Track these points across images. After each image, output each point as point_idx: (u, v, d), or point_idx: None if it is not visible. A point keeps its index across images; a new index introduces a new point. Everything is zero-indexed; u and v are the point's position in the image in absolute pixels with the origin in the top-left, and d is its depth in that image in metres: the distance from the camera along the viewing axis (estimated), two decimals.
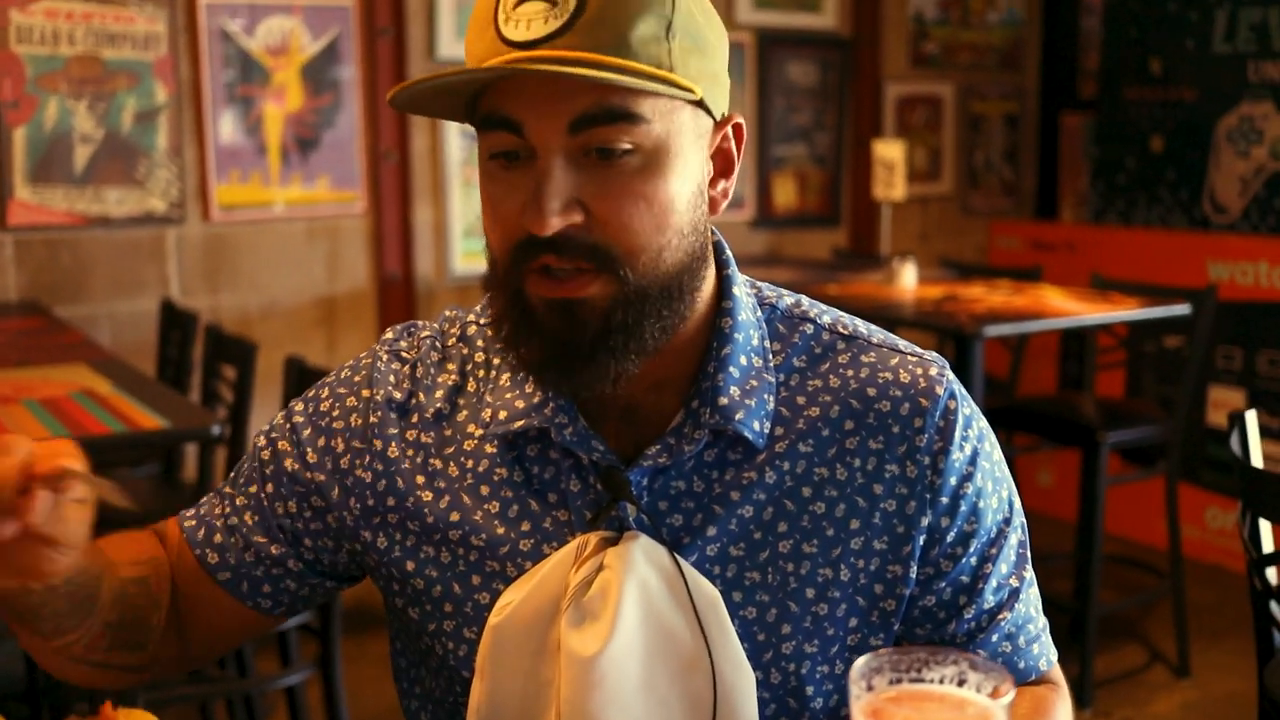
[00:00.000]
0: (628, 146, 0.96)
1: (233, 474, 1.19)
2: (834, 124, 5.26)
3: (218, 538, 1.15)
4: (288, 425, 1.16)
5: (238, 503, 1.16)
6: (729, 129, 1.06)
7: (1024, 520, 1.13)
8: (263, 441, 1.17)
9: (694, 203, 1.01)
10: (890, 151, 4.04)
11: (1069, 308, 3.49)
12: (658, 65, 0.95)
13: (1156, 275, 4.35)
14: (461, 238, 4.39)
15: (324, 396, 1.16)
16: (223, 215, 4.01)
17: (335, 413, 1.13)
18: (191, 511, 1.19)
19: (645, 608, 1.01)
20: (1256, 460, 2.09)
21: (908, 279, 3.82)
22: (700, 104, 1.00)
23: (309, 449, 1.13)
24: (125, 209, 3.87)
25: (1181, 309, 3.54)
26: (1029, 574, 1.12)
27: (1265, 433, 4.25)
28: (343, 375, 1.16)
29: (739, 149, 1.07)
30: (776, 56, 5.05)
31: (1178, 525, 3.61)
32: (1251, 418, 2.12)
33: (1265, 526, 2.00)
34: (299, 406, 1.16)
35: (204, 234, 4.01)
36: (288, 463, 1.14)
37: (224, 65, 3.97)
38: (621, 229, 0.96)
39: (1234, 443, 2.08)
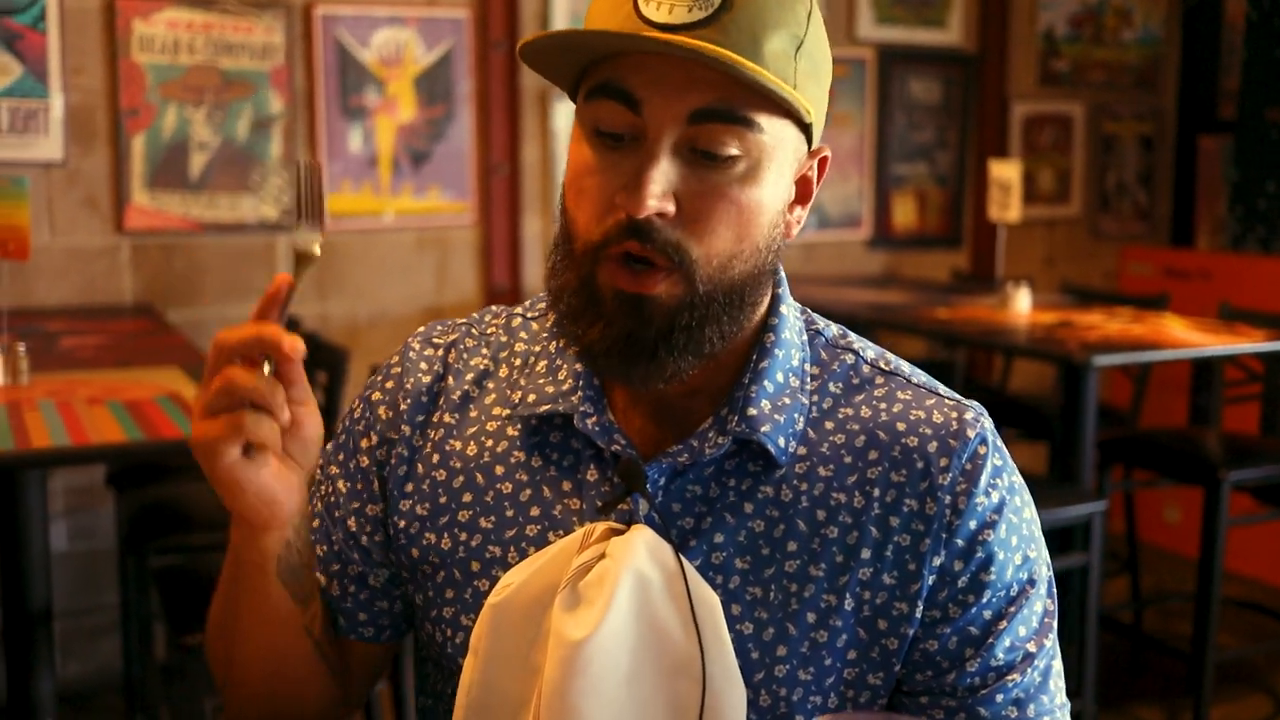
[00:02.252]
0: (735, 152, 0.97)
1: None
2: (957, 142, 5.12)
3: None
4: (334, 445, 1.17)
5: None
6: (816, 160, 1.08)
7: (1054, 592, 1.08)
8: (318, 475, 1.18)
9: (774, 221, 1.02)
10: (1006, 171, 3.91)
11: (1189, 338, 3.32)
12: (784, 80, 0.97)
13: None
14: None
15: (355, 406, 1.17)
16: (333, 224, 4.05)
17: (366, 414, 1.15)
18: None
19: (641, 601, 0.99)
20: None
21: (1022, 304, 3.69)
22: (807, 128, 1.02)
23: (354, 459, 1.15)
24: (238, 215, 3.93)
25: None
26: (1051, 645, 1.06)
27: None
28: (375, 379, 1.18)
29: (819, 180, 1.09)
30: (898, 73, 4.94)
31: None
32: None
33: None
34: (338, 428, 1.18)
35: None
36: (342, 484, 1.15)
37: (338, 76, 4.01)
38: (706, 231, 0.98)
39: None
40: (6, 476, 2.39)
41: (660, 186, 0.96)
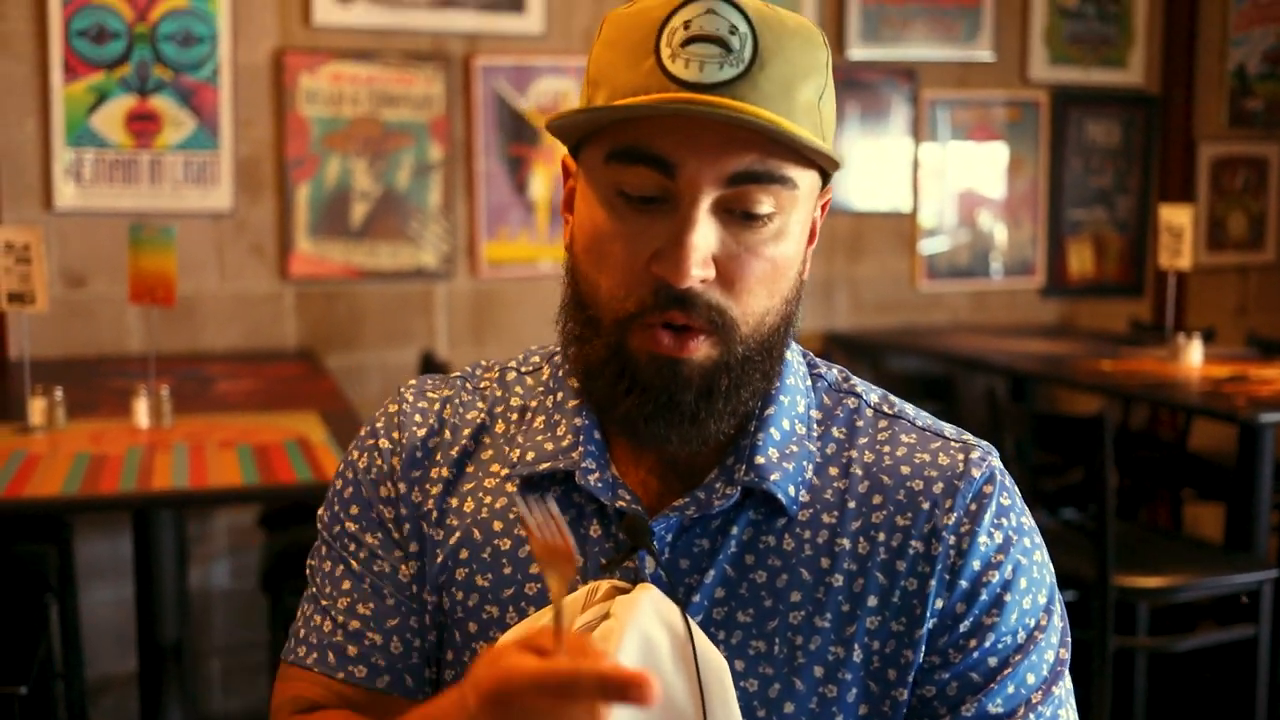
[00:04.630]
0: (770, 210, 0.95)
1: (315, 588, 1.10)
2: (1138, 187, 4.90)
3: (352, 649, 1.07)
4: (341, 502, 1.11)
5: (344, 604, 1.08)
6: (823, 200, 1.05)
7: (1069, 639, 1.02)
8: (328, 538, 1.11)
9: (800, 269, 1.01)
10: (1178, 217, 3.70)
11: None
12: (813, 131, 0.95)
13: None
14: None
15: (357, 457, 1.12)
16: (490, 271, 4.11)
17: (377, 462, 1.10)
18: (305, 650, 1.08)
19: (646, 664, 0.93)
20: None
21: (1193, 356, 3.49)
22: (826, 174, 1.00)
23: (375, 509, 1.09)
24: (398, 263, 4.01)
25: None
26: (1061, 695, 1.00)
27: None
28: (374, 428, 1.12)
29: (823, 219, 1.07)
30: (1074, 115, 4.76)
31: None
32: None
33: None
34: (339, 484, 1.12)
35: (471, 289, 4.11)
36: (369, 537, 1.09)
37: (497, 125, 4.08)
38: (745, 291, 0.96)
39: None
40: (139, 516, 2.47)
41: (701, 254, 0.93)
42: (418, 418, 1.11)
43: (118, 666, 3.69)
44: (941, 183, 4.66)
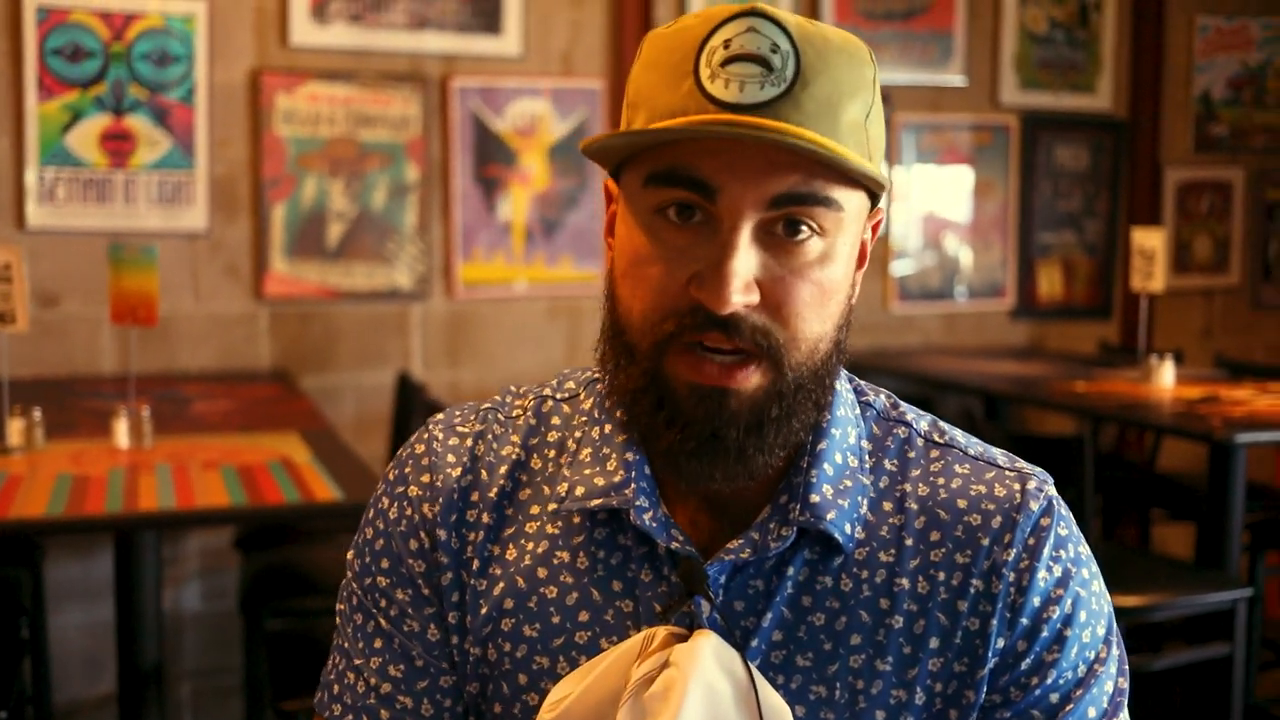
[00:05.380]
0: (815, 232, 0.91)
1: (346, 640, 1.07)
2: (1106, 210, 4.96)
3: (385, 713, 1.04)
4: (371, 553, 1.06)
5: (376, 664, 1.05)
6: (872, 222, 1.01)
7: (1126, 669, 0.99)
8: (359, 590, 1.07)
9: (849, 293, 0.98)
10: (1150, 240, 3.75)
11: None
12: (859, 151, 0.92)
13: None
14: None
15: (387, 505, 1.06)
16: (466, 292, 4.10)
17: (407, 512, 1.05)
18: (339, 709, 1.06)
19: (710, 714, 0.91)
20: None
21: (1165, 378, 3.53)
22: (875, 195, 0.97)
23: (405, 564, 1.04)
24: (373, 284, 4.01)
25: None
26: None
27: None
28: (403, 472, 1.06)
29: (873, 241, 1.02)
30: (1043, 139, 4.82)
31: None
32: None
33: None
34: (369, 533, 1.07)
35: (447, 310, 4.10)
36: (399, 593, 1.05)
37: (473, 146, 4.08)
38: (793, 315, 0.92)
39: None
40: (121, 539, 2.45)
41: (742, 280, 0.89)
42: (450, 458, 1.05)
43: (87, 690, 3.65)
44: (912, 206, 4.70)
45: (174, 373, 3.77)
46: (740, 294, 0.89)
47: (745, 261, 0.90)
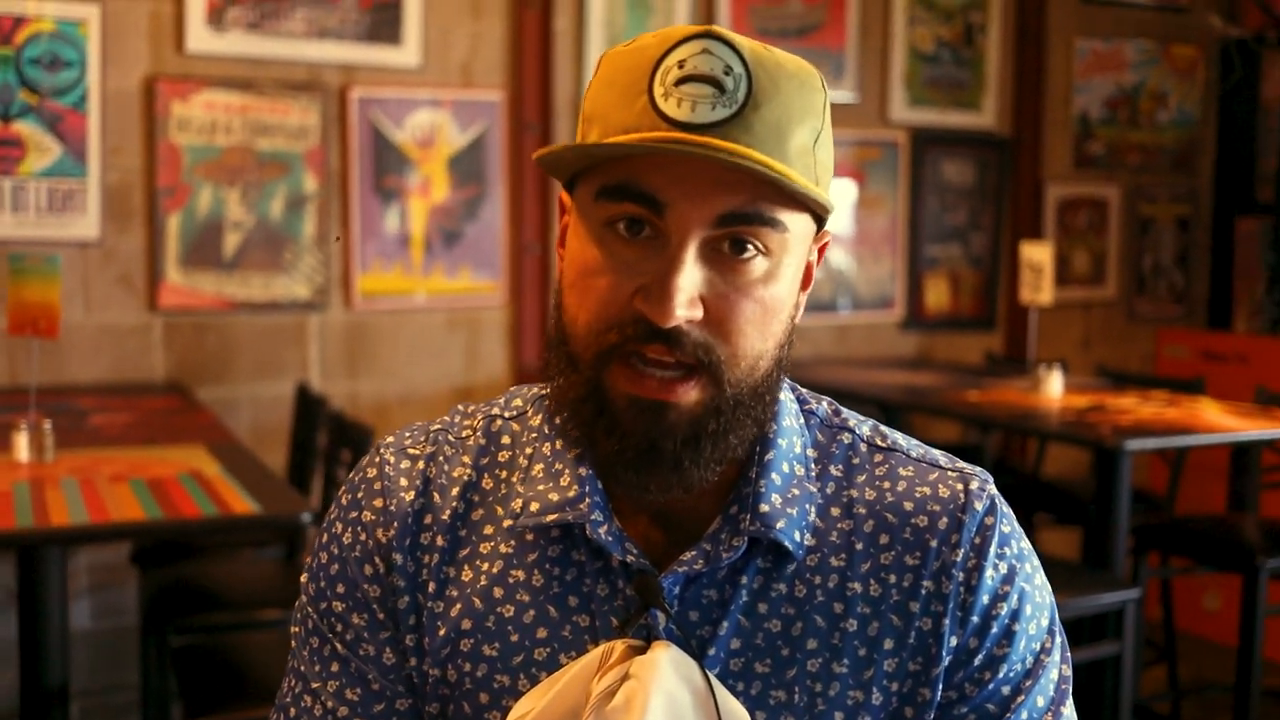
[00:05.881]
0: (760, 251, 0.94)
1: (303, 664, 1.08)
2: (991, 225, 5.11)
3: None
4: (326, 578, 1.07)
5: (333, 688, 1.05)
6: (819, 245, 1.04)
7: (1069, 655, 1.05)
8: (315, 615, 1.07)
9: (792, 312, 1.00)
10: (1038, 254, 3.88)
11: (1225, 423, 3.27)
12: (805, 175, 0.94)
13: None
14: None
15: (340, 530, 1.07)
16: (365, 303, 4.08)
17: (361, 537, 1.05)
18: None
19: None
20: None
21: (1054, 387, 3.65)
22: (820, 219, 1.00)
23: (359, 589, 1.05)
24: (271, 294, 3.96)
25: None
26: (1069, 713, 1.03)
27: None
28: (356, 497, 1.07)
29: (819, 263, 1.06)
30: (931, 155, 4.95)
31: None
32: None
33: None
34: (324, 557, 1.07)
35: (346, 321, 4.07)
36: (355, 618, 1.05)
37: (372, 157, 4.06)
38: (735, 331, 0.94)
39: None
40: (26, 554, 2.40)
41: (687, 294, 0.92)
42: (403, 481, 1.06)
43: None
44: None
45: (65, 385, 3.68)
46: (684, 308, 0.92)
47: (690, 277, 0.92)
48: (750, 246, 0.94)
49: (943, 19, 4.92)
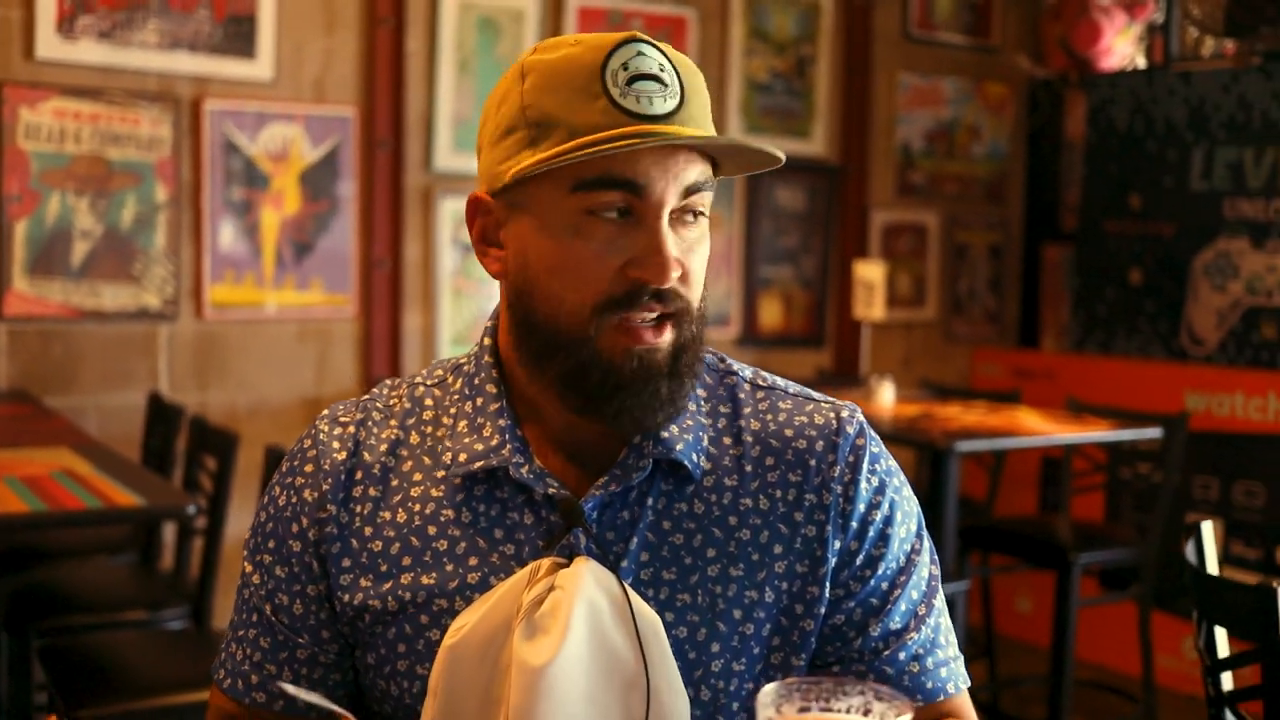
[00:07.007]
0: (705, 211, 1.12)
1: (237, 613, 1.24)
2: (820, 248, 5.37)
3: (254, 677, 1.21)
4: (262, 534, 1.22)
5: (252, 635, 1.22)
6: None
7: (936, 555, 1.22)
8: (249, 567, 1.23)
9: None
10: (870, 272, 4.13)
11: (1042, 427, 3.54)
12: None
13: (1135, 405, 4.41)
14: (450, 344, 4.46)
15: (278, 493, 1.22)
16: (215, 314, 4.09)
17: (292, 499, 1.20)
18: (223, 673, 1.24)
19: (593, 627, 1.08)
20: (1212, 569, 2.12)
21: (885, 397, 3.88)
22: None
23: (285, 545, 1.20)
24: (120, 304, 3.94)
25: (1153, 432, 3.59)
26: (939, 603, 1.21)
27: (1241, 563, 4.27)
28: (293, 464, 1.23)
29: None
30: (765, 181, 5.18)
31: (1150, 648, 3.62)
32: (1207, 528, 2.16)
33: (1220, 634, 2.03)
34: (262, 516, 1.23)
35: (196, 331, 4.07)
36: (278, 570, 1.20)
37: (224, 169, 4.08)
38: (694, 282, 1.12)
39: (1189, 552, 2.11)
40: None
41: (674, 255, 1.09)
42: (335, 444, 1.21)
43: None
44: None
45: None
46: (675, 269, 1.10)
47: (672, 243, 1.10)
48: (700, 208, 1.12)
49: (776, 51, 5.16)
